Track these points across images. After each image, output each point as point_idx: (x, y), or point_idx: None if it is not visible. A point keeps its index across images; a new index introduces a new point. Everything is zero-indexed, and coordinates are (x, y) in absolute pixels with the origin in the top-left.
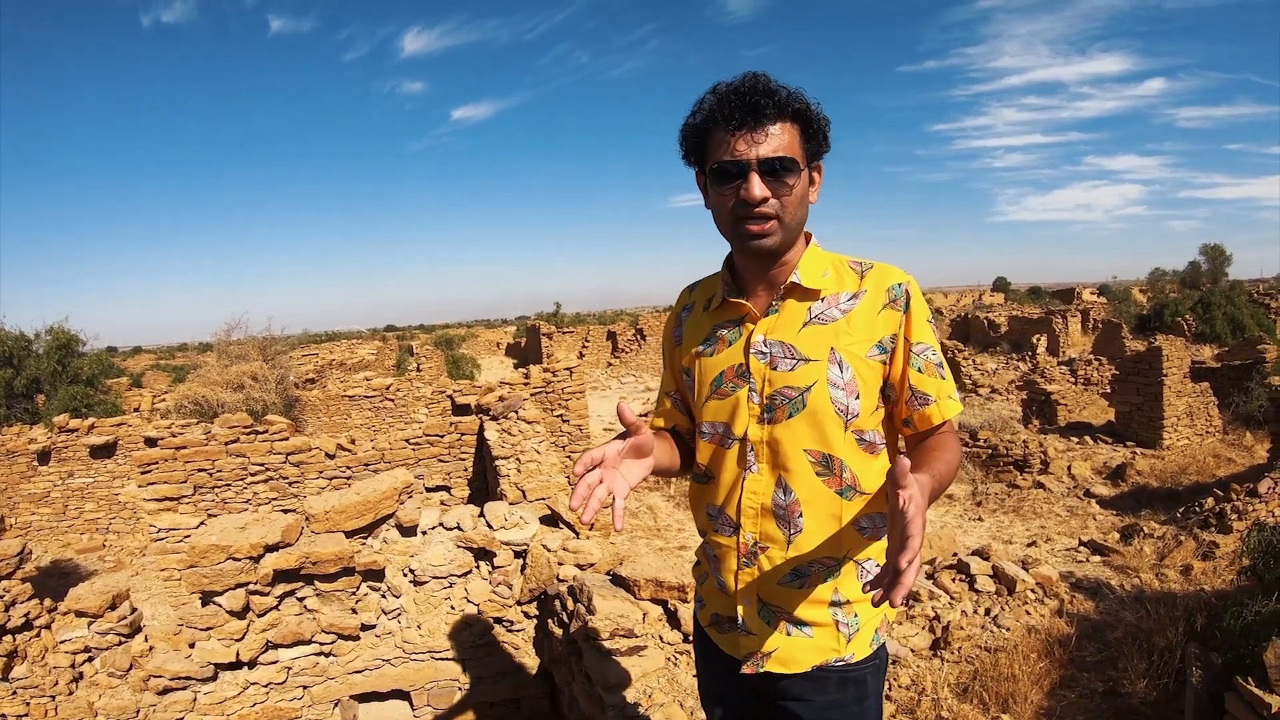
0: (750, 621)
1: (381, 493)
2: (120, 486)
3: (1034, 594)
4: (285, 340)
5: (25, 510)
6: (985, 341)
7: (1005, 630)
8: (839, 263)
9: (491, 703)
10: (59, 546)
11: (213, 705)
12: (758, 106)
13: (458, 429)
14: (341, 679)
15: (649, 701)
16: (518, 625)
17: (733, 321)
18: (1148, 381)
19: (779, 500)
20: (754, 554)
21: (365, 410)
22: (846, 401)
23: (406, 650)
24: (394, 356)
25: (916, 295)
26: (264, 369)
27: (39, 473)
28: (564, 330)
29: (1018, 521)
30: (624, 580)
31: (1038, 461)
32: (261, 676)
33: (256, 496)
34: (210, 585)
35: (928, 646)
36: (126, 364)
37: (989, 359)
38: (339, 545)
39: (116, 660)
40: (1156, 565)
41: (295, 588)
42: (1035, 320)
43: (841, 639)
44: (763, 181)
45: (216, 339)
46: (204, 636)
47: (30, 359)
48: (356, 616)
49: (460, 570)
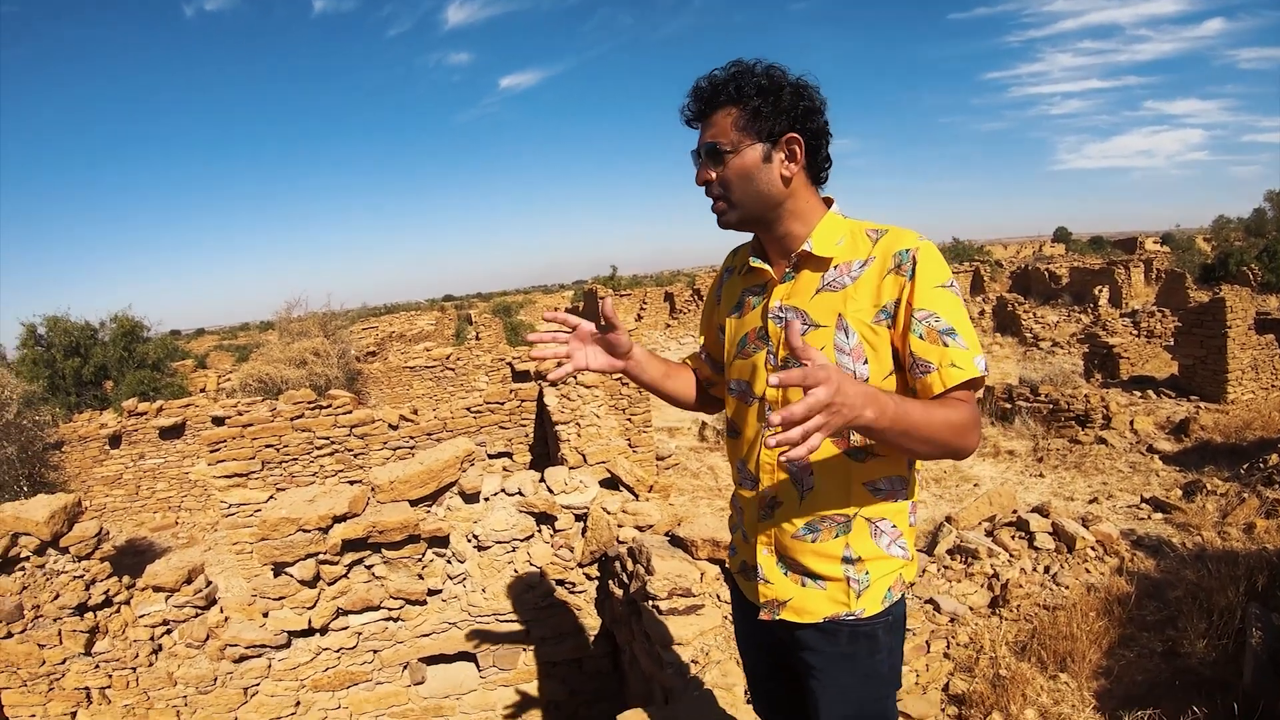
0: (768, 571)
1: (444, 461)
2: (190, 465)
3: (1094, 552)
4: (345, 315)
5: (99, 493)
6: (1046, 294)
7: (1064, 589)
8: (856, 230)
9: (555, 662)
10: (133, 526)
11: (287, 671)
12: (696, 107)
13: (518, 395)
14: (410, 642)
15: (705, 659)
16: (579, 587)
17: (758, 286)
18: (1211, 334)
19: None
20: (771, 507)
21: (426, 380)
22: (853, 366)
23: (472, 613)
24: (453, 326)
25: (926, 260)
26: (325, 344)
27: (111, 456)
28: (621, 293)
29: (1079, 478)
30: (682, 540)
31: (1099, 417)
32: (333, 642)
33: (323, 469)
34: (281, 556)
35: (986, 605)
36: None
37: (1050, 311)
38: (404, 514)
39: (193, 631)
40: (1219, 523)
41: (363, 556)
42: (1097, 271)
43: (852, 594)
44: (709, 166)
45: (277, 317)
46: (277, 606)
47: (97, 347)
48: (423, 582)
49: (523, 535)
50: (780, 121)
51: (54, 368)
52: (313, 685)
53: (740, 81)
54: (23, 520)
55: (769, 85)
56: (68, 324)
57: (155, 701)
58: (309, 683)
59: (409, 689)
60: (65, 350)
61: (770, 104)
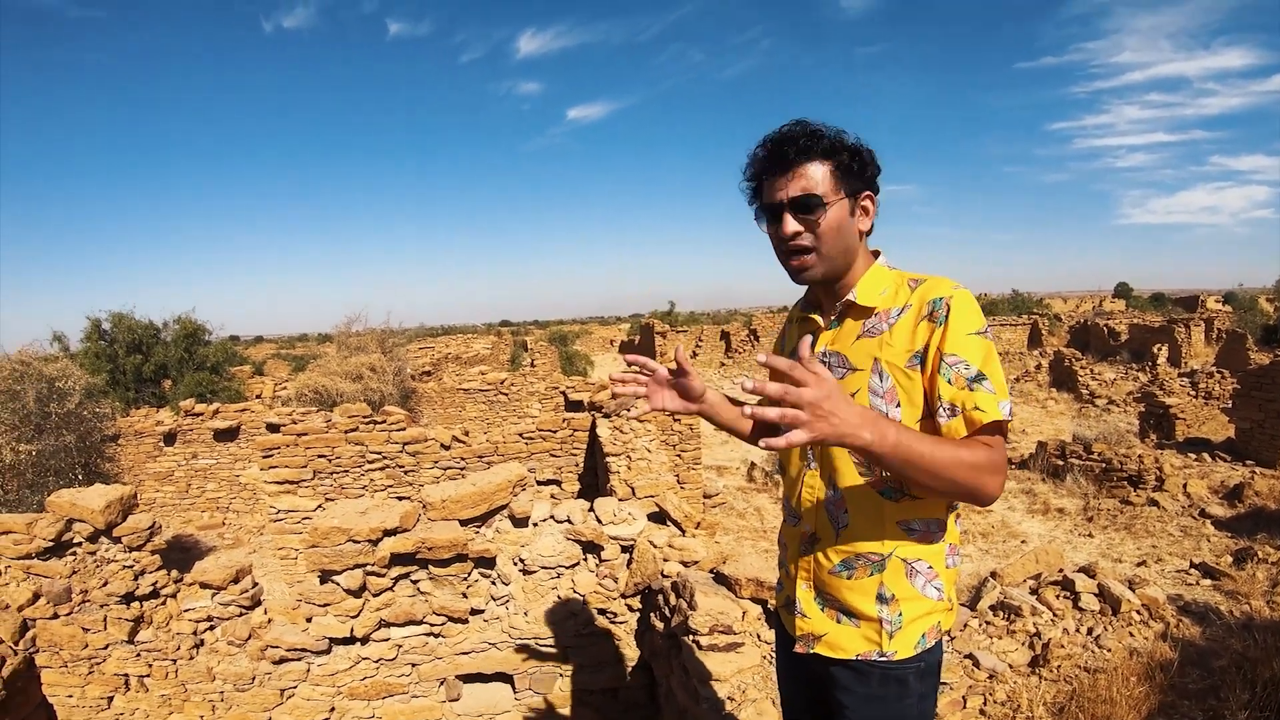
0: (806, 605)
1: (496, 484)
2: (241, 468)
3: (1139, 615)
4: (402, 333)
5: (150, 487)
6: (1104, 350)
7: (1107, 651)
8: (899, 280)
9: (590, 690)
10: (180, 523)
11: (324, 676)
12: (783, 154)
13: (570, 425)
14: (449, 659)
15: (742, 696)
16: (621, 618)
17: (808, 333)
18: (1271, 397)
19: (830, 497)
20: (810, 543)
21: (479, 403)
22: (886, 409)
23: (512, 635)
24: (508, 351)
25: (960, 308)
26: (382, 361)
27: (164, 453)
28: (678, 329)
29: (1129, 540)
30: (726, 578)
31: (1152, 478)
32: (373, 652)
33: (373, 483)
34: (330, 564)
35: (1026, 663)
36: (249, 352)
37: (1108, 368)
38: (454, 532)
39: (236, 630)
40: (1269, 592)
41: (410, 571)
42: (1157, 329)
43: (885, 634)
44: (795, 218)
45: (336, 331)
46: (321, 612)
47: (159, 346)
48: (466, 601)
49: (569, 562)
50: (862, 179)
51: (115, 363)
52: (349, 693)
53: (829, 136)
54: (79, 507)
55: (854, 144)
56: (132, 321)
57: (192, 694)
58: (346, 690)
59: (444, 705)
60: (128, 347)
61: (857, 161)
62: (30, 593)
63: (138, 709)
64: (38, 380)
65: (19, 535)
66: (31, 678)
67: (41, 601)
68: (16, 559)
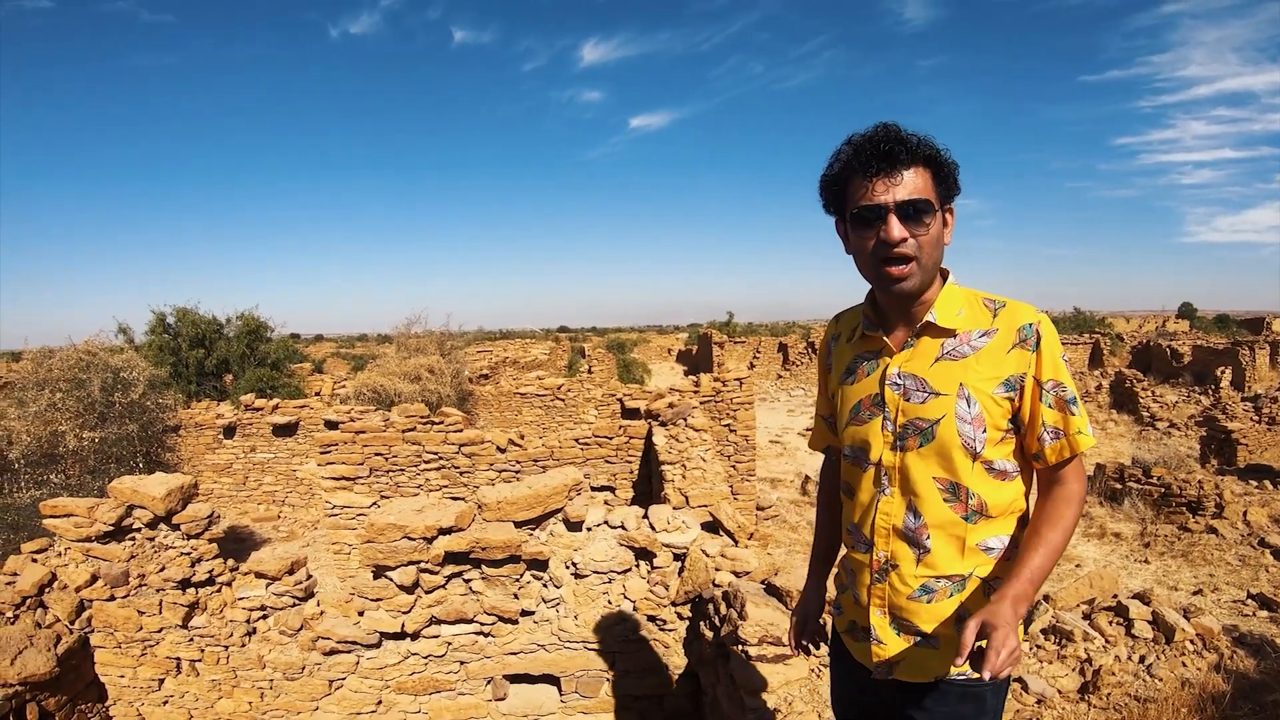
0: (881, 632)
1: (552, 488)
2: (299, 463)
3: (1192, 645)
4: (461, 336)
5: (208, 478)
6: (1166, 372)
7: (1158, 680)
8: (974, 300)
9: (635, 696)
10: (236, 514)
11: (373, 670)
12: (892, 153)
13: (626, 432)
14: (497, 658)
15: (788, 709)
16: (670, 625)
17: (872, 353)
18: None
19: (909, 523)
20: (885, 570)
21: (536, 408)
22: (974, 434)
23: (561, 638)
24: (566, 357)
25: (1048, 334)
26: (440, 363)
27: (224, 445)
28: (735, 340)
29: (1185, 567)
30: (777, 590)
31: (1212, 504)
32: (422, 648)
33: (428, 483)
34: (384, 560)
35: (1076, 689)
36: (309, 350)
37: (1169, 391)
38: (508, 534)
39: (289, 620)
40: None
41: (463, 570)
42: (1221, 351)
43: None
44: (901, 224)
45: (396, 332)
46: (373, 606)
47: (221, 341)
48: (518, 602)
49: (621, 567)
50: (953, 189)
51: (178, 356)
52: (397, 687)
53: (929, 144)
54: (140, 494)
55: (943, 152)
56: (196, 316)
57: (242, 681)
58: (393, 684)
59: (489, 703)
60: (191, 341)
61: (949, 172)
62: (88, 574)
63: (187, 692)
64: (103, 370)
65: (80, 519)
66: (85, 656)
67: (99, 583)
68: (77, 541)
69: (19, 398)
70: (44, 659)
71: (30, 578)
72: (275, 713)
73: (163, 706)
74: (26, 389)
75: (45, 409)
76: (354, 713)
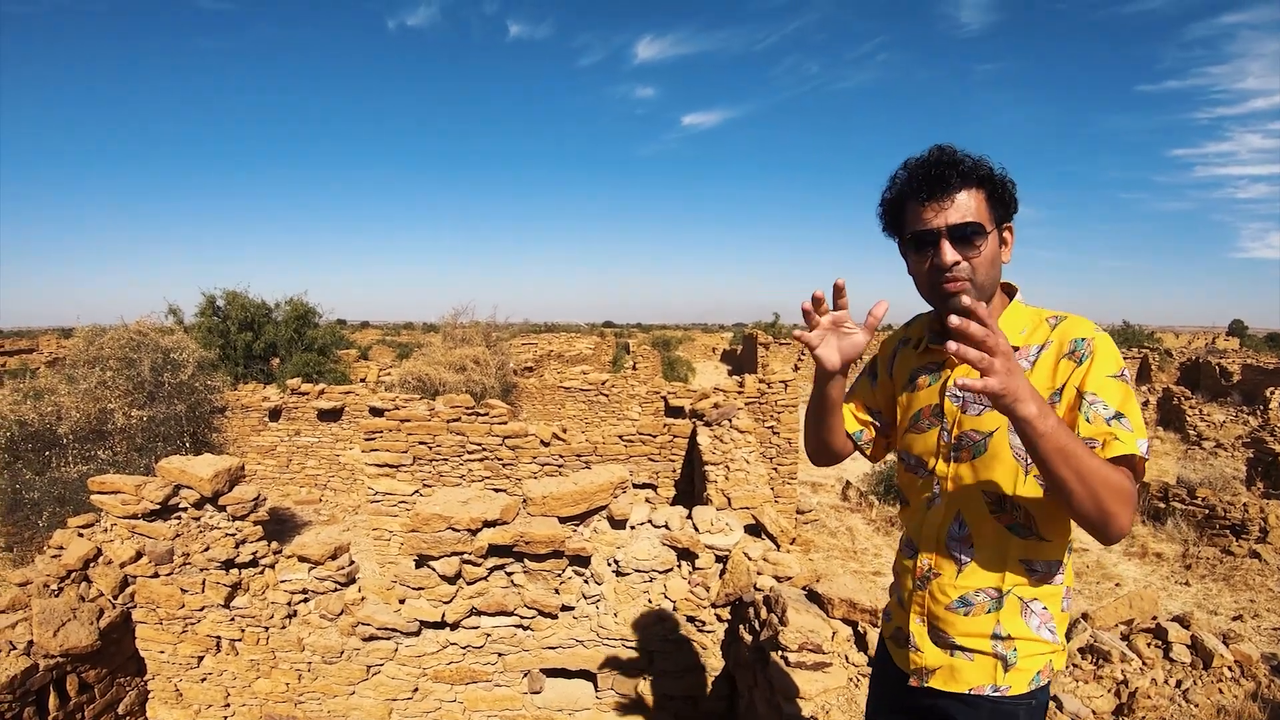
0: (919, 639)
1: (598, 484)
2: (343, 449)
3: (1230, 672)
4: (507, 328)
5: (253, 460)
6: (1215, 390)
7: (1194, 706)
8: (1037, 318)
9: (671, 696)
10: (279, 496)
11: (411, 657)
12: (943, 177)
13: (670, 430)
14: (535, 652)
15: (825, 716)
16: (709, 626)
17: (935, 365)
18: None
19: (954, 532)
20: (927, 578)
21: (579, 402)
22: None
23: (600, 635)
24: (611, 353)
25: (1102, 350)
26: (486, 354)
27: (269, 428)
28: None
29: (1226, 591)
30: (819, 597)
31: (1256, 528)
32: (461, 639)
33: (471, 473)
34: (428, 550)
35: (1110, 711)
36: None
37: (1217, 410)
38: (552, 529)
39: (330, 605)
40: None
41: (505, 563)
42: (1271, 371)
43: (999, 669)
44: (953, 247)
45: (443, 321)
46: (414, 595)
47: (269, 325)
48: (558, 597)
49: (662, 567)
50: (1008, 210)
51: (227, 338)
52: (434, 675)
53: (983, 165)
54: (187, 474)
55: (1001, 173)
56: (245, 300)
57: (280, 662)
58: (431, 672)
59: (525, 696)
60: (240, 324)
61: (1005, 191)
62: (133, 550)
63: (226, 670)
64: (153, 350)
65: (127, 495)
66: (127, 631)
67: (143, 560)
68: (123, 518)
69: (69, 374)
70: (86, 632)
71: (76, 552)
72: (312, 695)
73: (200, 683)
74: (77, 366)
75: (95, 386)
76: (390, 698)
